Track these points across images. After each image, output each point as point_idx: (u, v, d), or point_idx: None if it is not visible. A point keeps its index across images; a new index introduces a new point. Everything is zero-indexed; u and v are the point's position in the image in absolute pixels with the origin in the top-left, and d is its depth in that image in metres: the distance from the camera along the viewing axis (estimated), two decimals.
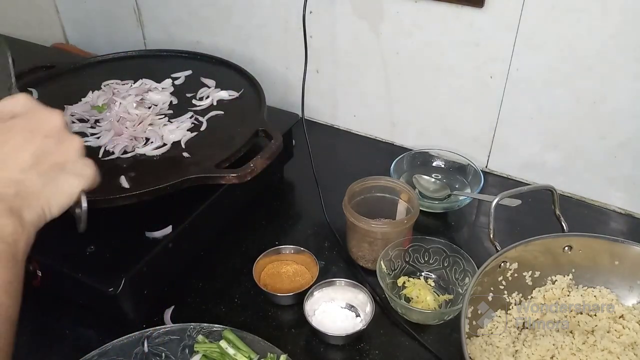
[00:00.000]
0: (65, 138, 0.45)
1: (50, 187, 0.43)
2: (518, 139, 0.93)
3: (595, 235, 0.67)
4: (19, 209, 0.41)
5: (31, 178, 0.42)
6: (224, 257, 0.81)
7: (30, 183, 0.42)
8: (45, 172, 0.43)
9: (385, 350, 0.68)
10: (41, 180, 0.43)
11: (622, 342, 0.62)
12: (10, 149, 0.42)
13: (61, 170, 0.44)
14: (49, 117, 0.44)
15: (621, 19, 0.75)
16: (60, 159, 0.44)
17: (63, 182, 0.44)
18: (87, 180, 0.46)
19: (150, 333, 0.63)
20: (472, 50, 0.88)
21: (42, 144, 0.43)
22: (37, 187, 0.42)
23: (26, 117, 0.44)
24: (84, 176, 0.45)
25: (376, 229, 0.75)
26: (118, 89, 0.89)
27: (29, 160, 0.42)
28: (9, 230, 0.40)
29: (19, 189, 0.42)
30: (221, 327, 0.64)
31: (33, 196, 0.42)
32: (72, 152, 0.45)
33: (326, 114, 1.12)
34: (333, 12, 0.97)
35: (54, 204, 0.44)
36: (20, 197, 0.41)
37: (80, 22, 1.38)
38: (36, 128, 0.43)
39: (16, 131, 0.43)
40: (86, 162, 0.46)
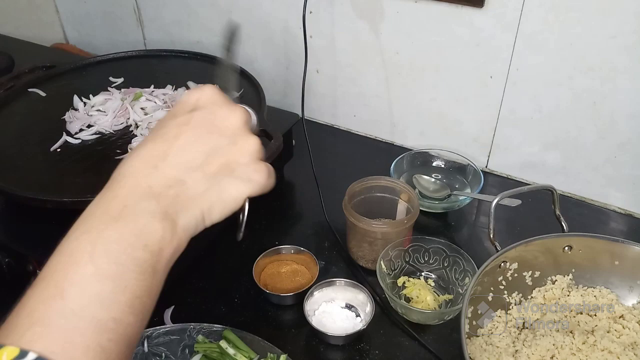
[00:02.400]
0: (241, 139, 0.40)
1: (214, 191, 0.39)
2: (518, 139, 0.93)
3: (595, 235, 0.67)
4: (174, 213, 0.37)
5: (196, 179, 0.38)
6: (224, 257, 0.81)
7: (193, 184, 0.38)
8: (213, 174, 0.39)
9: (385, 350, 0.68)
10: (206, 183, 0.38)
11: (622, 342, 0.62)
12: (182, 144, 0.38)
13: (230, 174, 0.39)
14: (229, 115, 0.40)
15: (621, 19, 0.75)
16: (231, 161, 0.39)
17: (229, 186, 0.39)
18: (255, 186, 0.40)
19: (150, 333, 0.63)
20: (472, 50, 0.88)
21: (215, 142, 0.39)
22: (200, 189, 0.38)
23: (206, 111, 0.40)
24: (254, 182, 0.40)
25: (376, 229, 0.75)
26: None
27: (198, 159, 0.38)
28: (157, 236, 0.35)
29: (181, 190, 0.37)
30: (221, 327, 0.64)
31: (193, 200, 0.38)
32: (246, 154, 0.40)
33: (326, 114, 1.12)
34: (333, 12, 0.97)
35: (216, 210, 0.39)
36: (179, 200, 0.37)
37: (80, 22, 1.38)
38: (213, 125, 0.40)
39: (192, 126, 0.39)
40: (259, 167, 0.40)
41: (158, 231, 0.35)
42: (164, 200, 0.36)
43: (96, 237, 0.34)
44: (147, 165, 0.37)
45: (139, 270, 0.34)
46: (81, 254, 0.33)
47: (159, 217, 0.35)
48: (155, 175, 0.37)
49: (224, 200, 0.39)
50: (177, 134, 0.39)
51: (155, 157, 0.38)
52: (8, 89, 0.91)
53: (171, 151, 0.38)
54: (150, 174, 0.37)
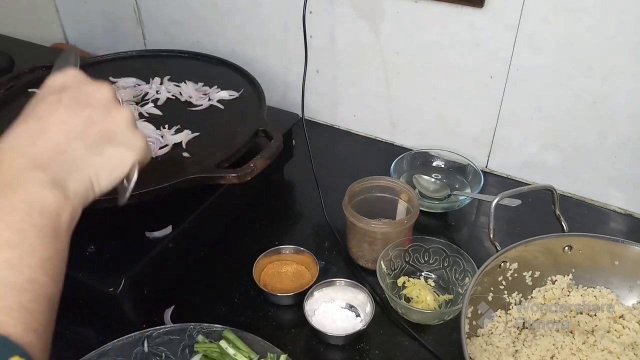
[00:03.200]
0: (114, 109, 0.43)
1: (98, 158, 0.41)
2: (518, 139, 0.93)
3: (595, 235, 0.67)
4: (62, 180, 0.39)
5: (76, 147, 0.40)
6: (224, 257, 0.81)
7: (75, 153, 0.40)
8: (93, 142, 0.41)
9: (385, 350, 0.68)
10: (88, 151, 0.41)
11: (622, 342, 0.62)
12: (57, 120, 0.40)
13: (110, 141, 0.42)
14: (97, 89, 0.43)
15: (621, 19, 0.75)
16: (108, 130, 0.42)
17: (113, 153, 0.42)
18: (138, 151, 0.43)
19: (151, 333, 0.63)
20: (472, 50, 0.88)
21: (89, 114, 0.41)
22: (83, 156, 0.40)
23: (75, 90, 0.42)
24: (135, 147, 0.43)
25: (376, 229, 0.75)
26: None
27: (75, 130, 0.40)
28: (50, 201, 0.37)
29: (63, 159, 0.39)
30: (221, 327, 0.64)
31: (78, 166, 0.40)
32: (122, 122, 0.43)
33: (326, 114, 1.12)
34: (333, 12, 0.97)
35: (103, 176, 0.42)
36: (64, 168, 0.39)
37: (80, 22, 1.38)
38: (84, 100, 0.42)
39: (64, 103, 0.41)
40: (136, 133, 0.44)
41: (49, 197, 0.37)
42: (49, 170, 0.38)
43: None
44: (26, 142, 0.39)
45: (41, 234, 0.36)
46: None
47: (48, 185, 0.37)
48: (36, 150, 0.39)
49: (109, 166, 0.42)
50: (50, 111, 0.41)
51: (33, 134, 0.39)
52: (8, 89, 0.90)
53: (48, 127, 0.40)
54: (30, 149, 0.39)
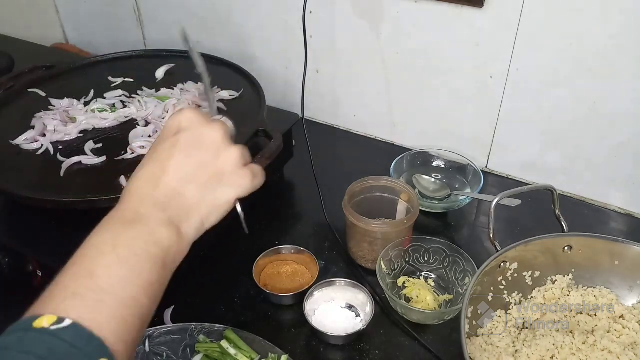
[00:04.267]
0: (223, 150, 0.46)
1: (208, 200, 0.46)
2: (518, 139, 0.93)
3: (595, 235, 0.67)
4: (177, 220, 0.44)
5: (191, 191, 0.45)
6: (224, 257, 0.81)
7: (190, 195, 0.45)
8: (205, 185, 0.46)
9: (385, 350, 0.68)
10: (200, 193, 0.45)
11: (622, 342, 0.63)
12: (174, 164, 0.45)
13: (219, 182, 0.46)
14: (209, 131, 0.46)
15: (621, 19, 0.75)
16: (218, 172, 0.46)
17: (220, 193, 0.46)
18: (241, 189, 0.47)
19: (152, 333, 0.63)
20: (472, 50, 0.88)
21: (202, 157, 0.46)
22: (196, 199, 0.45)
23: (189, 131, 0.46)
24: (240, 186, 0.47)
25: (376, 229, 0.75)
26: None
27: (191, 174, 0.45)
28: (165, 237, 0.42)
29: (181, 201, 0.44)
30: (222, 327, 0.64)
31: (192, 208, 0.45)
32: (230, 163, 0.47)
33: (326, 114, 1.12)
34: (333, 12, 0.97)
35: (212, 215, 0.46)
36: (180, 210, 0.44)
37: (80, 22, 1.38)
38: (198, 142, 0.46)
39: (179, 147, 0.45)
40: (243, 173, 0.47)
41: (165, 233, 0.43)
42: (168, 210, 0.44)
43: (117, 235, 0.41)
44: (149, 184, 0.45)
45: (152, 262, 0.41)
46: (105, 246, 0.40)
47: (165, 223, 0.43)
48: (158, 191, 0.44)
49: (218, 205, 0.47)
50: (169, 155, 0.45)
51: (155, 177, 0.45)
52: (8, 89, 0.90)
53: (167, 170, 0.45)
54: (153, 190, 0.44)
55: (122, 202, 0.44)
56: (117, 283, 0.38)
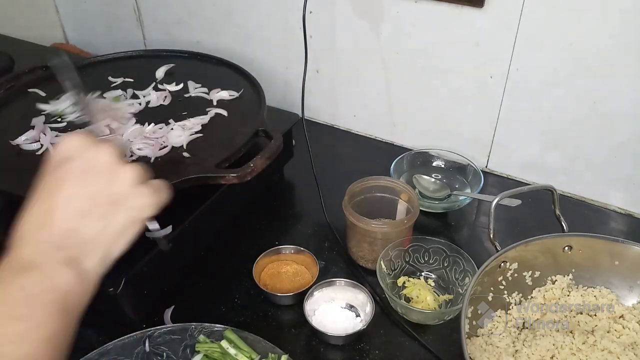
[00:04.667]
0: (117, 172, 0.43)
1: (109, 230, 0.42)
2: (518, 139, 0.93)
3: (595, 235, 0.68)
4: (77, 259, 0.40)
5: (88, 224, 0.41)
6: (224, 257, 0.81)
7: (87, 230, 0.41)
8: (102, 215, 0.42)
9: (385, 350, 0.68)
10: (99, 224, 0.42)
11: (622, 342, 0.63)
12: (66, 196, 0.41)
13: (117, 208, 0.43)
14: (97, 154, 0.43)
15: (621, 19, 0.75)
16: (114, 197, 0.43)
17: (122, 219, 0.43)
18: (145, 209, 0.44)
19: (152, 332, 0.63)
20: (472, 50, 0.88)
21: (95, 184, 0.42)
22: (96, 231, 0.42)
23: (77, 160, 0.43)
24: (142, 206, 0.44)
25: (376, 229, 0.75)
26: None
27: (84, 206, 0.41)
28: (64, 280, 0.39)
29: (78, 237, 0.41)
30: (222, 327, 0.64)
31: (93, 242, 0.41)
32: (126, 185, 0.43)
33: (326, 114, 1.12)
34: (333, 12, 0.97)
35: (118, 244, 0.43)
36: (78, 247, 0.41)
37: (80, 22, 1.38)
38: (88, 168, 0.42)
39: (69, 176, 0.42)
40: (142, 191, 0.44)
41: (63, 276, 0.39)
42: (64, 250, 0.40)
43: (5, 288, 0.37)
44: (39, 225, 0.41)
45: (50, 311, 0.37)
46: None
47: (62, 263, 0.39)
48: (50, 231, 0.40)
49: (121, 233, 0.43)
50: (57, 189, 0.42)
51: (45, 216, 0.41)
52: (8, 89, 0.90)
53: (57, 206, 0.41)
54: (45, 231, 0.40)
55: (12, 251, 0.40)
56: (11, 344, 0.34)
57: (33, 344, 0.35)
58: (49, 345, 0.36)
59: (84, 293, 0.41)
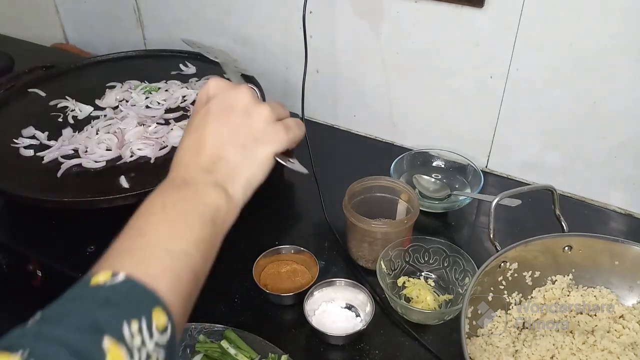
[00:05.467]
0: (253, 110, 0.48)
1: (249, 159, 0.47)
2: (518, 139, 0.93)
3: (595, 235, 0.67)
4: (223, 182, 0.46)
5: (231, 153, 0.47)
6: (224, 257, 0.81)
7: (231, 158, 0.47)
8: (243, 146, 0.47)
9: (385, 350, 0.68)
10: (241, 154, 0.47)
11: (622, 342, 0.62)
12: (210, 131, 0.47)
13: (256, 141, 0.48)
14: (236, 95, 0.49)
15: (621, 19, 0.75)
16: (252, 131, 0.48)
17: (259, 150, 0.48)
18: (279, 144, 0.49)
19: None
20: (472, 50, 0.88)
21: (235, 120, 0.48)
22: (238, 160, 0.47)
23: (218, 98, 0.49)
24: (275, 141, 0.49)
25: (376, 229, 0.75)
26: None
27: (227, 138, 0.47)
28: (213, 197, 0.44)
29: (224, 164, 0.46)
30: (222, 327, 0.64)
31: (236, 170, 0.47)
32: (261, 122, 0.48)
33: (326, 114, 1.12)
34: (333, 12, 0.97)
35: (256, 174, 0.48)
36: (225, 172, 0.46)
37: (80, 22, 1.38)
38: (228, 106, 0.48)
39: (211, 114, 0.48)
40: (276, 128, 0.49)
41: (212, 194, 0.44)
42: (214, 174, 0.46)
43: (166, 197, 0.44)
44: (191, 153, 0.47)
45: (201, 219, 0.43)
46: (155, 207, 0.43)
47: (211, 185, 0.45)
48: (200, 157, 0.46)
49: (259, 163, 0.48)
50: (204, 123, 0.48)
51: (195, 145, 0.47)
52: (8, 89, 0.91)
53: (205, 137, 0.47)
54: (196, 157, 0.47)
55: (170, 172, 0.47)
56: (168, 239, 0.40)
57: (186, 243, 0.40)
58: (200, 248, 0.41)
59: (229, 213, 0.46)
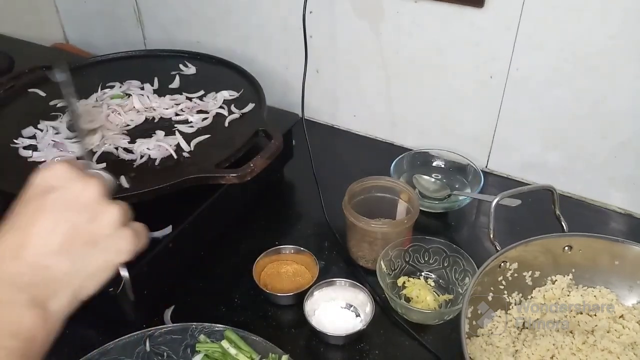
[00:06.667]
0: (100, 211, 0.40)
1: (81, 270, 0.40)
2: (518, 139, 0.93)
3: (595, 235, 0.67)
4: (44, 299, 0.38)
5: (61, 262, 0.39)
6: (224, 257, 0.81)
7: (59, 268, 0.39)
8: (77, 254, 0.39)
9: (385, 350, 0.68)
10: (72, 263, 0.39)
11: (622, 342, 0.63)
12: (39, 230, 0.38)
13: (93, 249, 0.40)
14: (83, 190, 0.40)
15: (621, 19, 0.75)
16: (93, 237, 0.40)
17: (96, 260, 0.40)
18: (122, 254, 0.41)
19: (152, 332, 0.63)
20: (472, 50, 0.88)
21: (74, 221, 0.39)
22: (67, 271, 0.39)
23: (60, 192, 0.40)
24: (120, 251, 0.41)
25: (376, 229, 0.75)
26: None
27: (60, 242, 0.39)
28: (27, 325, 0.36)
29: (47, 275, 0.38)
30: (223, 327, 0.64)
31: (62, 283, 0.39)
32: (107, 226, 0.40)
33: (326, 114, 1.12)
34: (333, 12, 0.97)
35: (88, 286, 0.41)
36: (47, 286, 0.38)
37: (80, 22, 1.38)
38: (70, 203, 0.39)
39: (47, 209, 0.39)
40: (123, 234, 0.41)
41: (27, 319, 0.36)
42: (31, 289, 0.37)
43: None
44: (8, 258, 0.38)
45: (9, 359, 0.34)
46: None
47: (27, 306, 0.36)
48: (18, 266, 0.37)
49: (94, 274, 0.40)
50: (32, 221, 0.39)
51: (15, 249, 0.38)
52: (8, 89, 0.90)
53: (30, 239, 0.38)
54: (13, 265, 0.37)
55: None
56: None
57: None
58: None
59: (48, 337, 0.38)
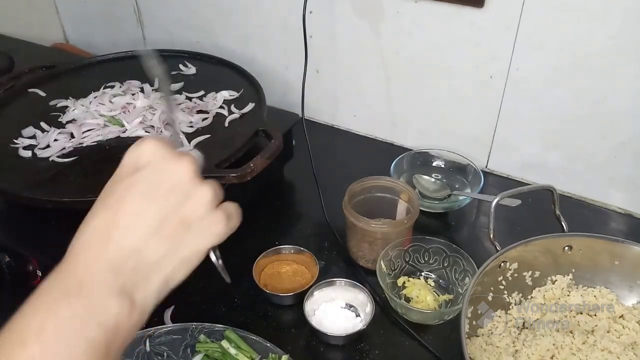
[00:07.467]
0: (193, 191, 0.37)
1: (173, 254, 0.37)
2: (518, 139, 0.93)
3: (595, 235, 0.67)
4: (132, 289, 0.35)
5: (153, 245, 0.36)
6: (224, 257, 0.81)
7: (150, 252, 0.36)
8: (169, 236, 0.37)
9: (385, 350, 0.68)
10: (164, 247, 0.36)
11: (622, 342, 0.63)
12: (130, 211, 0.36)
13: (187, 231, 0.37)
14: (175, 169, 0.37)
15: (621, 19, 0.75)
16: (186, 218, 0.37)
17: (189, 244, 0.38)
18: (215, 237, 0.39)
19: (152, 332, 0.63)
20: (472, 50, 0.88)
21: (166, 202, 0.36)
22: (159, 255, 0.36)
23: (151, 170, 0.37)
24: (212, 233, 0.39)
25: (376, 229, 0.75)
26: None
27: (152, 224, 0.36)
28: (113, 313, 0.34)
29: (138, 261, 0.36)
30: (223, 327, 0.64)
31: (153, 268, 0.36)
32: (201, 207, 0.38)
33: (326, 114, 1.12)
34: (333, 12, 0.97)
35: (179, 271, 0.38)
36: (137, 273, 0.36)
37: (80, 22, 1.38)
38: (161, 183, 0.37)
39: (137, 189, 0.36)
40: (216, 217, 0.39)
41: (114, 308, 0.34)
42: (121, 275, 0.35)
43: (46, 315, 0.32)
44: (98, 240, 0.35)
45: (90, 351, 0.32)
46: (29, 332, 0.31)
47: (115, 293, 0.34)
48: (108, 249, 0.35)
49: (185, 259, 0.38)
50: (123, 199, 0.36)
51: (106, 230, 0.36)
52: (8, 89, 0.91)
53: (122, 219, 0.36)
54: (103, 248, 0.35)
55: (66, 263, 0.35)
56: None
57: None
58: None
59: (132, 329, 0.35)
